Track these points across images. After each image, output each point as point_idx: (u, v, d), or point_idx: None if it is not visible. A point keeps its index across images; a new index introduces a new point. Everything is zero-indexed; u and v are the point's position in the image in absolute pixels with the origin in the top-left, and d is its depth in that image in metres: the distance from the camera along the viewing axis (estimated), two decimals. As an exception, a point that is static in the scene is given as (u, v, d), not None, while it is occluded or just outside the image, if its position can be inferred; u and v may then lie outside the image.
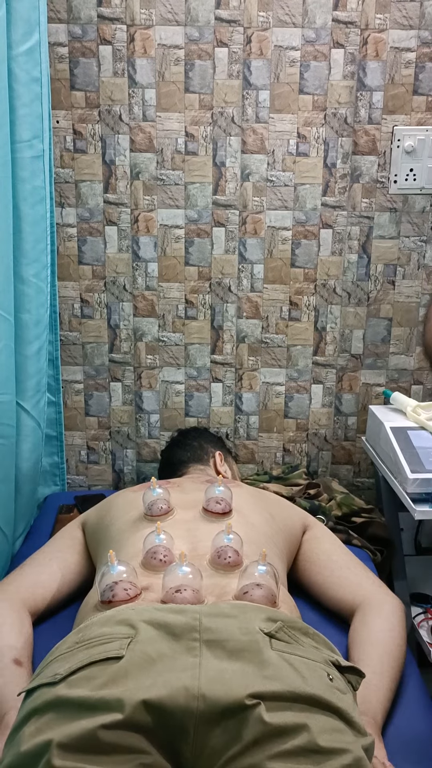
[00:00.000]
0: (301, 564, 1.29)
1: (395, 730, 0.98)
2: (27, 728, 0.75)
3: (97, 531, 1.28)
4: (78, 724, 0.71)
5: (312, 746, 0.71)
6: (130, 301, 1.93)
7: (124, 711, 0.71)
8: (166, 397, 2.00)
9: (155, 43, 1.76)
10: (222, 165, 1.84)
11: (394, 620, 1.12)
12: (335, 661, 0.84)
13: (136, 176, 1.84)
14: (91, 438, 2.03)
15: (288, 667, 0.77)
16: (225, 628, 0.81)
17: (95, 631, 0.83)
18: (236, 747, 0.72)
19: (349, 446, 2.06)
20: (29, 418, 1.57)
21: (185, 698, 0.73)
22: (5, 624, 1.11)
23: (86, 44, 1.76)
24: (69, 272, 1.90)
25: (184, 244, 1.89)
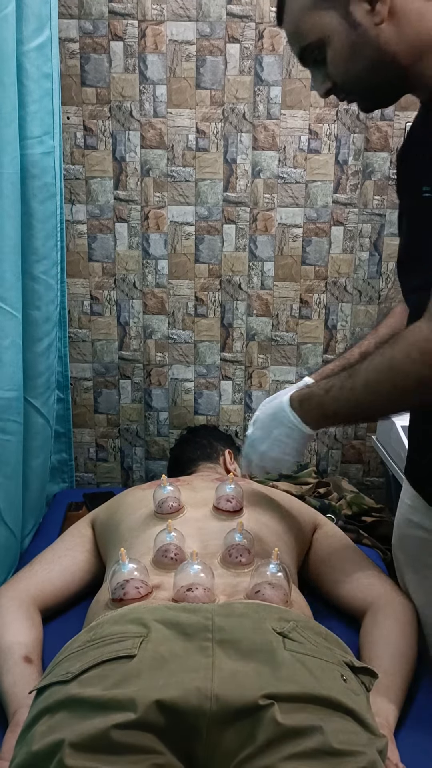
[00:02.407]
0: (312, 563, 1.28)
1: (407, 731, 0.97)
2: (39, 727, 0.74)
3: (106, 529, 1.28)
4: (90, 724, 0.71)
5: (326, 748, 0.70)
6: (140, 298, 1.93)
7: (136, 711, 0.71)
8: (176, 394, 2.00)
9: (166, 39, 1.75)
10: (233, 162, 1.83)
11: (405, 620, 1.11)
12: (348, 662, 0.83)
13: (146, 173, 1.84)
14: (100, 435, 2.03)
15: (302, 667, 0.76)
16: (238, 627, 0.80)
17: (107, 629, 0.83)
18: (249, 748, 0.71)
19: (359, 445, 2.05)
20: (38, 415, 1.57)
21: (198, 699, 0.72)
22: (15, 621, 1.11)
23: (97, 40, 1.75)
24: (79, 269, 1.90)
25: (195, 241, 1.88)
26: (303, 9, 0.89)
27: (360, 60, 0.88)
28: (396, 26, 0.86)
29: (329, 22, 0.87)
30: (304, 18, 0.89)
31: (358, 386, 0.95)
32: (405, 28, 0.86)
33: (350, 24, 0.86)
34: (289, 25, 0.93)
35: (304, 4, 0.89)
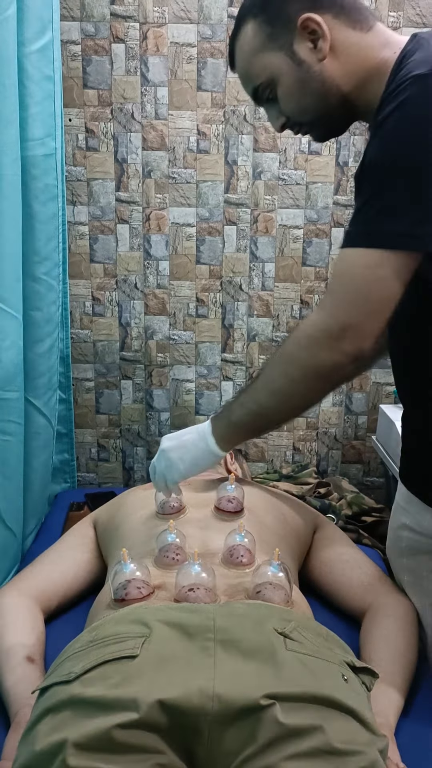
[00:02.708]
0: (312, 563, 1.29)
1: (408, 731, 0.98)
2: (41, 727, 0.75)
3: (108, 529, 1.28)
4: (93, 723, 0.71)
5: (327, 747, 0.71)
6: (142, 299, 1.93)
7: (139, 710, 0.71)
8: (177, 395, 2.00)
9: (168, 41, 1.76)
10: (234, 163, 1.84)
11: (405, 620, 1.12)
12: (349, 662, 0.84)
13: (148, 174, 1.84)
14: (102, 436, 2.04)
15: (303, 667, 0.77)
16: (239, 627, 0.80)
17: (109, 629, 0.83)
18: (251, 748, 0.72)
19: (360, 445, 2.06)
20: (40, 415, 1.57)
21: (200, 698, 0.72)
22: (17, 621, 1.11)
23: (99, 42, 1.76)
24: (80, 270, 1.90)
25: (196, 242, 1.89)
26: (252, 52, 0.95)
27: (308, 94, 0.94)
28: (337, 60, 0.92)
29: (277, 62, 0.93)
30: (253, 60, 0.95)
31: (259, 384, 1.01)
32: (346, 60, 0.92)
33: (296, 62, 0.92)
34: (241, 68, 0.98)
35: (253, 48, 0.95)
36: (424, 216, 0.80)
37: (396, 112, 0.80)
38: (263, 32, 0.93)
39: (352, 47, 0.91)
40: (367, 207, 0.84)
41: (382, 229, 0.83)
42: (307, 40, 0.91)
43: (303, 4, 0.91)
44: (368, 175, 0.84)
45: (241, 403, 1.06)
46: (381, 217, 0.82)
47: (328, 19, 0.90)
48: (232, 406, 1.08)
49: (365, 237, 0.84)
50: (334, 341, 0.89)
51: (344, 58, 0.92)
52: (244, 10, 0.96)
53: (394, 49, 0.90)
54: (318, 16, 0.90)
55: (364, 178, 0.86)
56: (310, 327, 0.92)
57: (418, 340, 0.96)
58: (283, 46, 0.92)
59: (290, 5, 0.91)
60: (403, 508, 1.13)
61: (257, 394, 1.03)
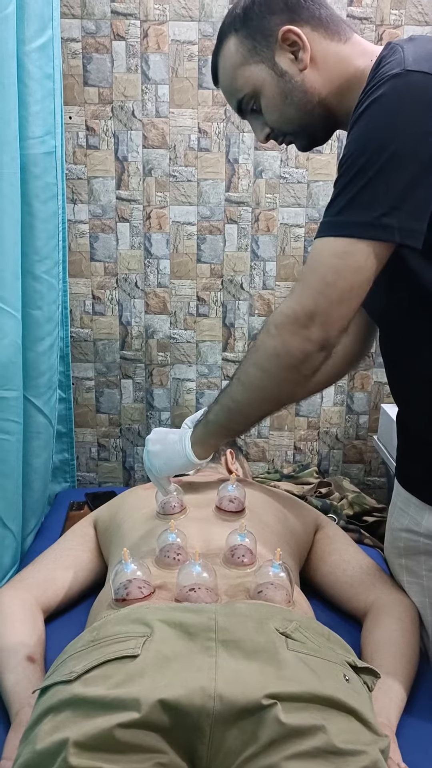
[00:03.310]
0: (314, 563, 1.29)
1: (409, 731, 0.98)
2: (43, 726, 0.74)
3: (109, 528, 1.28)
4: (94, 723, 0.71)
5: (329, 747, 0.70)
6: (142, 298, 1.93)
7: (140, 710, 0.71)
8: (178, 394, 2.00)
9: (169, 39, 1.75)
10: (235, 162, 1.83)
11: (407, 621, 1.11)
12: (351, 662, 0.83)
13: (148, 173, 1.84)
14: (102, 435, 2.04)
15: (304, 667, 0.76)
16: (241, 627, 0.80)
17: (110, 629, 0.83)
18: (253, 747, 0.71)
19: (361, 445, 2.05)
20: (40, 414, 1.57)
21: (202, 698, 0.72)
22: (18, 621, 1.11)
23: (99, 40, 1.75)
24: (81, 269, 1.90)
25: (197, 241, 1.88)
26: (235, 66, 0.98)
27: (291, 105, 0.97)
28: (318, 70, 0.95)
29: (259, 74, 0.96)
30: (237, 74, 0.98)
31: (234, 379, 1.02)
32: (326, 70, 0.95)
33: (278, 73, 0.96)
34: (225, 82, 1.01)
35: (236, 61, 0.98)
36: (394, 206, 0.82)
37: (370, 107, 0.83)
38: (245, 46, 0.96)
39: (331, 57, 0.95)
40: (339, 197, 0.86)
41: (352, 218, 0.84)
42: (288, 51, 0.95)
43: (283, 18, 0.94)
44: (342, 168, 0.86)
45: (218, 401, 1.08)
46: (351, 207, 0.84)
47: (308, 31, 0.94)
48: (211, 406, 1.10)
49: (335, 226, 0.86)
50: (302, 328, 0.90)
51: (324, 68, 0.95)
52: (226, 26, 0.99)
53: (370, 57, 0.93)
54: (297, 29, 0.93)
55: (339, 172, 0.88)
56: (278, 315, 0.93)
57: (410, 337, 0.96)
58: (265, 58, 0.95)
59: (270, 19, 0.94)
60: (401, 509, 1.13)
61: (231, 389, 1.04)
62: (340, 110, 0.97)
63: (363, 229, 0.83)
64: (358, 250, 0.84)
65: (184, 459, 1.13)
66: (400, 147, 0.80)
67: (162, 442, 1.16)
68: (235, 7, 0.98)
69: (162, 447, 1.16)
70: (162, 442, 1.16)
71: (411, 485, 1.10)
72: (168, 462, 1.15)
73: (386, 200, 0.82)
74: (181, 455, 1.13)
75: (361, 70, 0.93)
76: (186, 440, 1.13)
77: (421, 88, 0.81)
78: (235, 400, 1.04)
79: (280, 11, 0.94)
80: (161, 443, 1.17)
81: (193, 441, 1.12)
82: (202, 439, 1.12)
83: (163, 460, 1.15)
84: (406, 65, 0.81)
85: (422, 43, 0.86)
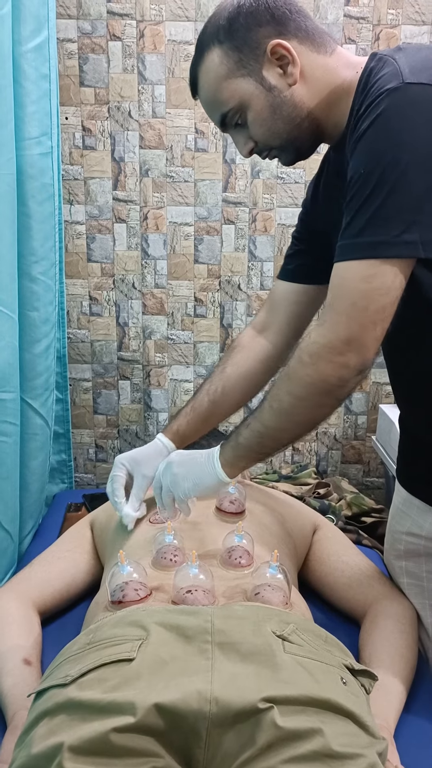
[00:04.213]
0: (312, 565, 1.28)
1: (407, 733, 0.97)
2: (38, 730, 0.74)
3: (106, 530, 1.28)
4: (90, 727, 0.70)
5: (326, 751, 0.70)
6: (139, 299, 1.93)
7: (136, 714, 0.70)
8: (175, 395, 2.00)
9: (165, 39, 1.75)
10: (232, 162, 1.83)
11: (405, 622, 1.11)
12: (348, 665, 0.83)
13: (145, 173, 1.84)
14: (100, 436, 2.03)
15: (301, 670, 0.76)
16: (238, 630, 0.80)
17: (106, 632, 0.82)
18: (249, 751, 0.71)
19: (359, 445, 2.05)
20: (37, 416, 1.57)
21: (198, 702, 0.72)
22: (14, 623, 1.10)
23: (96, 40, 1.75)
24: (78, 270, 1.90)
25: (194, 241, 1.88)
26: (219, 79, 0.95)
27: (279, 119, 0.95)
28: (306, 84, 0.93)
29: (246, 88, 0.94)
30: (221, 87, 0.95)
31: (266, 405, 0.99)
32: (314, 83, 0.94)
33: (266, 88, 0.93)
34: (207, 95, 0.98)
35: (219, 74, 0.94)
36: (413, 220, 0.81)
37: (373, 126, 0.82)
38: (230, 59, 0.93)
39: (318, 70, 0.93)
40: (356, 219, 0.84)
41: (373, 239, 0.83)
42: (276, 65, 0.92)
43: (269, 30, 0.92)
44: (353, 189, 0.85)
45: (248, 425, 1.04)
46: (371, 227, 0.83)
47: (295, 45, 0.92)
48: (240, 429, 1.06)
49: (357, 248, 0.85)
50: (338, 356, 0.89)
51: (312, 82, 0.93)
52: (207, 36, 0.95)
53: (356, 69, 0.92)
54: (286, 42, 0.91)
55: (349, 194, 0.86)
56: (312, 344, 0.91)
57: (413, 340, 0.96)
58: (252, 72, 0.93)
59: (258, 32, 0.92)
60: (403, 512, 1.12)
61: (263, 415, 1.01)
62: (327, 123, 0.96)
63: (386, 248, 0.82)
64: (385, 271, 0.83)
65: (215, 479, 1.08)
66: (410, 161, 0.79)
67: (187, 464, 1.11)
68: (217, 18, 0.95)
69: (189, 468, 1.11)
70: (187, 464, 1.11)
71: (413, 487, 1.10)
72: (198, 483, 1.10)
73: (405, 216, 0.81)
74: (211, 476, 1.08)
75: (348, 82, 0.92)
76: (215, 461, 1.08)
77: (423, 99, 0.80)
78: (266, 426, 1.01)
79: (267, 23, 0.92)
80: (186, 465, 1.11)
81: (222, 462, 1.08)
82: (232, 461, 1.08)
83: (191, 481, 1.10)
84: (404, 78, 0.80)
85: (413, 53, 0.85)
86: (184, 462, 1.12)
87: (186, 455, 1.14)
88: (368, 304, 0.85)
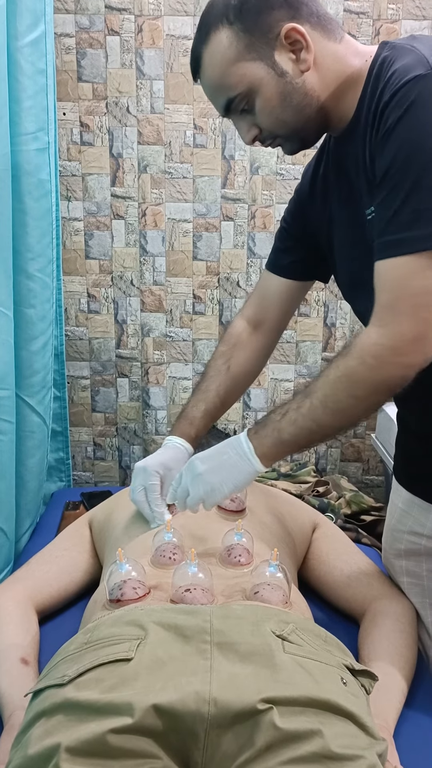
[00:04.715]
0: (311, 563, 1.28)
1: (407, 733, 0.97)
2: (35, 730, 0.73)
3: (104, 528, 1.27)
4: (87, 728, 0.69)
5: (325, 752, 0.69)
6: (138, 296, 1.92)
7: (134, 715, 0.69)
8: (174, 393, 1.99)
9: (164, 34, 1.74)
10: (231, 158, 1.82)
11: (404, 621, 1.11)
12: (348, 665, 0.82)
13: (143, 169, 1.82)
14: (98, 434, 2.02)
15: (301, 670, 0.75)
16: (236, 630, 0.79)
17: (104, 631, 0.81)
18: (248, 752, 0.70)
19: (359, 443, 2.04)
20: (34, 414, 1.56)
21: (196, 702, 0.71)
22: (12, 622, 1.10)
23: (93, 35, 1.74)
24: (75, 267, 1.89)
25: (192, 238, 1.87)
26: (227, 62, 0.90)
27: (288, 107, 0.92)
28: (318, 71, 0.91)
29: (256, 72, 0.90)
30: (230, 70, 0.91)
31: (317, 403, 0.95)
32: (325, 72, 0.91)
33: (277, 73, 0.90)
34: (213, 77, 0.93)
35: (228, 57, 0.90)
36: None
37: (406, 115, 0.79)
38: (241, 41, 0.89)
39: (329, 58, 0.91)
40: (400, 213, 0.82)
41: (423, 231, 0.81)
42: (289, 51, 0.89)
43: (283, 14, 0.88)
44: (391, 182, 0.82)
45: (293, 421, 0.98)
46: (419, 219, 0.81)
47: (308, 30, 0.89)
48: (280, 425, 1.00)
49: (407, 243, 0.82)
50: (403, 357, 0.87)
51: (323, 70, 0.91)
52: (215, 16, 0.91)
53: (365, 57, 0.90)
54: (301, 27, 0.88)
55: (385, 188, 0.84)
56: (374, 346, 0.88)
57: None
58: (263, 56, 0.89)
59: (270, 14, 0.88)
60: (403, 511, 1.11)
61: (316, 414, 0.96)
62: (335, 113, 0.94)
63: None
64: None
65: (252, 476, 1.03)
66: None
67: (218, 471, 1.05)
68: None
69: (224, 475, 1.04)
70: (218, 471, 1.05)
71: (414, 486, 1.09)
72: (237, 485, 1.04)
73: None
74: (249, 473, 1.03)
75: (357, 70, 0.90)
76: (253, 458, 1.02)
77: None
78: (320, 425, 0.97)
79: (280, 6, 0.89)
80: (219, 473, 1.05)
81: (260, 454, 1.02)
82: (271, 454, 1.03)
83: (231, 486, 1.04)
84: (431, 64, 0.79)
85: (428, 41, 0.84)
86: (214, 469, 1.05)
87: (210, 460, 1.07)
88: (430, 300, 0.83)
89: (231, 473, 1.04)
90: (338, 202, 1.03)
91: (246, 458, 1.03)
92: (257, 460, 1.02)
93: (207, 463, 1.06)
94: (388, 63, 0.84)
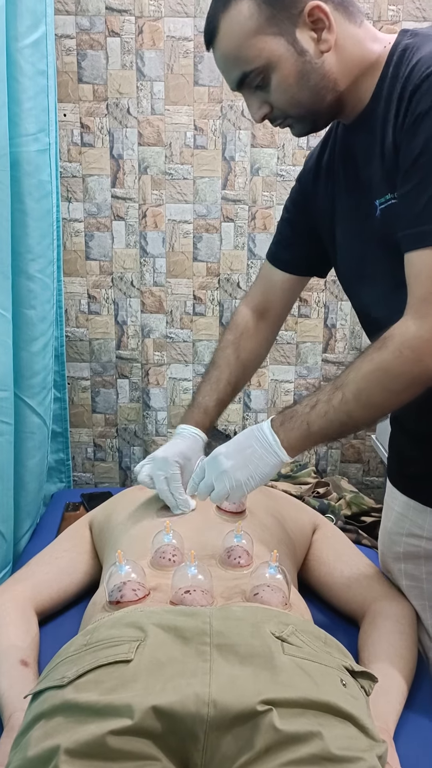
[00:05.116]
0: (311, 564, 1.27)
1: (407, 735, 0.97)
2: (34, 732, 0.73)
3: (104, 530, 1.27)
4: (86, 730, 0.69)
5: (325, 754, 0.69)
6: (138, 297, 1.92)
7: (133, 717, 0.69)
8: (174, 394, 1.99)
9: (164, 35, 1.74)
10: (231, 159, 1.82)
11: (404, 623, 1.10)
12: (348, 666, 0.82)
13: (144, 170, 1.83)
14: (98, 435, 2.02)
15: (301, 672, 0.75)
16: (236, 631, 0.79)
17: (103, 633, 0.81)
18: (248, 754, 0.70)
19: (359, 444, 2.04)
20: (34, 415, 1.56)
21: (196, 704, 0.71)
22: (11, 624, 1.09)
23: (94, 36, 1.74)
24: (76, 268, 1.89)
25: (193, 239, 1.87)
26: (247, 34, 0.87)
27: (305, 88, 0.89)
28: (337, 54, 0.88)
29: (276, 48, 0.87)
30: (248, 43, 0.87)
31: (350, 396, 0.93)
32: (344, 55, 0.88)
33: (297, 51, 0.87)
34: (228, 49, 0.90)
35: (248, 28, 0.87)
36: None
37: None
38: (263, 13, 0.86)
39: (349, 40, 0.88)
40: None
41: None
42: (311, 29, 0.86)
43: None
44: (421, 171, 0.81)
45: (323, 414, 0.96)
46: None
47: (331, 10, 0.87)
48: (309, 417, 0.98)
49: None
50: None
51: (343, 53, 0.88)
52: None
53: (383, 44, 0.88)
54: (325, 6, 0.86)
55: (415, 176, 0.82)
56: (412, 339, 0.86)
57: None
58: (284, 31, 0.86)
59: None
60: (400, 514, 1.11)
61: (348, 407, 0.94)
62: (349, 98, 0.91)
63: None
64: None
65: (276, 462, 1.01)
66: None
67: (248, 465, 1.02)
68: None
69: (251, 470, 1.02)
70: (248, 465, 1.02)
71: (409, 488, 1.09)
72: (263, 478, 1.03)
73: None
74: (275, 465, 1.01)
75: (376, 56, 0.88)
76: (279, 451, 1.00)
77: None
78: (353, 417, 0.95)
79: None
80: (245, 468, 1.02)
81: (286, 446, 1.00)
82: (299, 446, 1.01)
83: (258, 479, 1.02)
84: None
85: None
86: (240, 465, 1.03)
87: (235, 455, 1.04)
88: None
89: (258, 467, 1.02)
90: (344, 191, 1.01)
91: (272, 451, 1.00)
92: (284, 452, 0.99)
93: (232, 458, 1.03)
94: (412, 49, 0.82)
